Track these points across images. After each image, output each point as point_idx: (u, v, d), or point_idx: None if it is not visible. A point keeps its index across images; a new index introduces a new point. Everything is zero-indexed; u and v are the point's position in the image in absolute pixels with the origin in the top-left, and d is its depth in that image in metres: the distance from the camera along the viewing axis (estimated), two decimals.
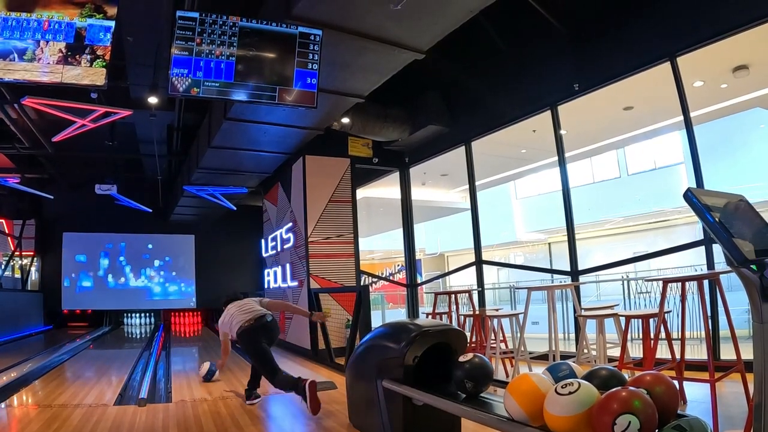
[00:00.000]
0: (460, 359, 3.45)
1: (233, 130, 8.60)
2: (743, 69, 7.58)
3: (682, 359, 4.58)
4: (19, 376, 7.51)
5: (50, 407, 5.55)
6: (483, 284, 8.85)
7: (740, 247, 1.98)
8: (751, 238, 2.13)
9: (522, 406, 2.63)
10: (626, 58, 6.62)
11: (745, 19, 5.51)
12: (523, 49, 7.94)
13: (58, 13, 5.03)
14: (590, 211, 19.42)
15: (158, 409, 5.58)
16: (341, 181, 10.00)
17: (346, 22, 5.58)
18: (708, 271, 5.30)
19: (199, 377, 7.28)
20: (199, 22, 5.18)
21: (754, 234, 2.22)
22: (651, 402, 2.24)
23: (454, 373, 3.39)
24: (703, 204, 2.04)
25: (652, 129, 10.85)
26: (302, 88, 5.56)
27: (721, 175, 15.59)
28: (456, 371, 3.39)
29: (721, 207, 2.19)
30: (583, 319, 5.61)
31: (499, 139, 9.31)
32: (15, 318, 14.24)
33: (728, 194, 2.38)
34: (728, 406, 4.54)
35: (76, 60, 5.07)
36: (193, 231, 18.91)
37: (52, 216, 17.31)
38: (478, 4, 5.31)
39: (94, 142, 11.45)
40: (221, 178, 11.91)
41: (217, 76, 5.27)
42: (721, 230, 2.01)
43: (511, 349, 6.60)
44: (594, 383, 2.53)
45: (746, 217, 2.32)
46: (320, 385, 6.38)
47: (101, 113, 8.05)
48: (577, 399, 2.37)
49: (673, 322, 6.77)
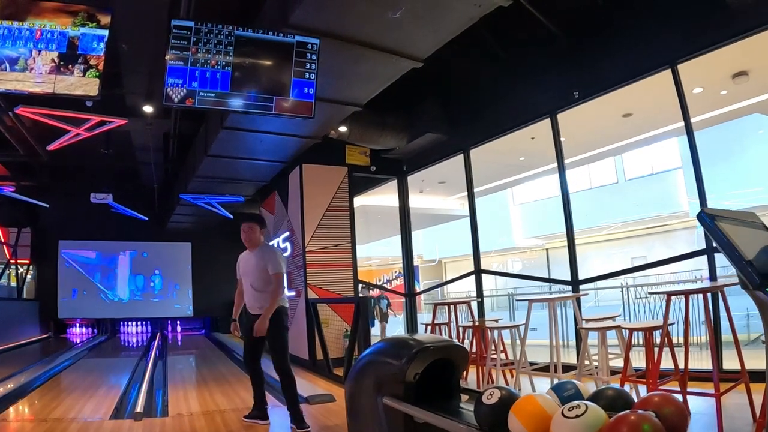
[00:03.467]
0: (484, 399, 2.98)
1: (230, 139, 8.53)
2: (743, 75, 7.56)
3: (686, 371, 4.52)
4: (15, 387, 7.42)
5: (46, 421, 5.47)
6: (482, 294, 8.78)
7: (757, 270, 1.91)
8: (766, 259, 2.06)
9: (528, 428, 2.55)
10: (626, 66, 6.58)
11: (746, 27, 5.49)
12: (522, 57, 7.89)
13: (50, 21, 4.96)
14: (588, 217, 19.43)
15: (155, 423, 5.51)
16: (339, 190, 9.94)
17: (343, 30, 5.52)
18: (711, 284, 5.23)
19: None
20: (194, 31, 5.10)
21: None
22: (660, 425, 2.17)
23: (476, 409, 2.99)
24: (719, 227, 1.97)
25: (650, 135, 10.83)
26: (299, 98, 5.48)
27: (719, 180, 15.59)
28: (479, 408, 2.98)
29: (737, 228, 2.12)
30: (584, 331, 5.55)
31: (497, 147, 9.26)
32: (10, 327, 14.15)
33: (742, 213, 2.32)
34: (733, 418, 4.47)
35: (69, 70, 5.00)
36: (190, 239, 18.81)
37: (48, 224, 17.19)
38: (477, 13, 5.25)
39: (90, 150, 11.35)
40: (218, 186, 11.83)
41: (213, 86, 5.19)
42: (736, 254, 1.95)
43: (512, 360, 6.53)
44: (600, 404, 2.46)
45: (761, 238, 2.26)
46: (318, 398, 6.33)
47: (96, 122, 7.98)
48: (584, 423, 2.30)
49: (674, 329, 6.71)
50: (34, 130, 9.99)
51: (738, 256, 1.93)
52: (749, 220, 2.32)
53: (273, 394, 6.95)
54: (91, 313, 17.93)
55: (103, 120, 7.97)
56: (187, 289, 19.05)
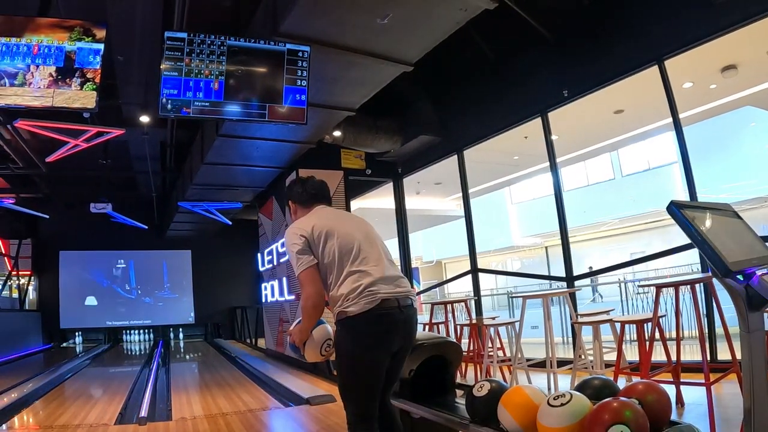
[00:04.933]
0: (474, 392, 3.02)
1: (226, 146, 8.63)
2: (731, 69, 7.65)
3: (678, 362, 4.60)
4: (19, 396, 7.50)
5: (51, 428, 5.56)
6: (479, 292, 8.87)
7: (725, 257, 2.00)
8: (736, 248, 2.15)
9: (516, 418, 2.65)
10: (614, 64, 6.67)
11: (731, 21, 5.55)
12: (511, 58, 7.98)
13: (47, 37, 5.05)
14: (585, 214, 19.50)
15: (159, 427, 5.59)
16: (335, 194, 10.00)
17: (333, 37, 5.62)
18: (701, 275, 5.33)
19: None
20: (187, 42, 5.21)
21: (739, 243, 2.25)
22: (642, 412, 2.26)
23: (467, 402, 3.10)
24: (686, 216, 2.06)
25: (643, 131, 10.91)
26: (292, 105, 5.58)
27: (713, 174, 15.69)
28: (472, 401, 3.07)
29: (706, 217, 2.22)
30: (578, 325, 5.63)
31: (491, 147, 9.34)
32: (14, 338, 14.24)
33: (713, 204, 2.41)
34: (726, 407, 4.56)
35: (67, 83, 5.10)
36: (190, 246, 18.89)
37: (49, 235, 17.31)
38: (464, 17, 5.35)
39: (88, 160, 11.46)
40: (215, 193, 11.92)
41: (207, 95, 5.29)
42: (703, 242, 2.04)
43: (509, 357, 6.62)
44: (587, 394, 2.55)
45: (732, 226, 2.35)
46: (319, 399, 6.42)
47: (94, 133, 8.06)
48: (569, 410, 2.39)
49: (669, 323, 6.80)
50: (33, 143, 10.07)
51: (707, 246, 2.02)
52: (721, 209, 2.41)
53: (275, 396, 7.06)
54: (93, 322, 18.01)
55: (100, 131, 8.06)
56: (188, 296, 19.12)
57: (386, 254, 3.08)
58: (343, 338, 2.87)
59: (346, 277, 2.86)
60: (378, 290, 2.81)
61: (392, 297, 2.83)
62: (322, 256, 2.91)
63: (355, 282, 2.82)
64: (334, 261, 2.89)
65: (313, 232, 2.93)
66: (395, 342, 2.88)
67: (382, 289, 2.82)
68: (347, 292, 2.81)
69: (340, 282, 2.87)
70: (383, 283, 2.85)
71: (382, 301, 2.79)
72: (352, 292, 2.80)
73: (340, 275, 2.88)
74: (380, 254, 3.01)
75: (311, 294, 2.85)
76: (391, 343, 2.86)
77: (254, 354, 13.13)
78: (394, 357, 2.93)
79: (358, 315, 2.77)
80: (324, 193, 3.28)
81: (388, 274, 2.91)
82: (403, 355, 3.02)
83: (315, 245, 2.92)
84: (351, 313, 2.78)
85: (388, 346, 2.86)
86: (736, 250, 2.13)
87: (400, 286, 2.91)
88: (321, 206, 3.21)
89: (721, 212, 2.40)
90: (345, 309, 2.81)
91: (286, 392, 7.14)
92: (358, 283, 2.81)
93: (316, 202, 3.22)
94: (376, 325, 2.80)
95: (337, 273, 2.89)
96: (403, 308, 2.87)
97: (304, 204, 3.23)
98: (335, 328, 2.94)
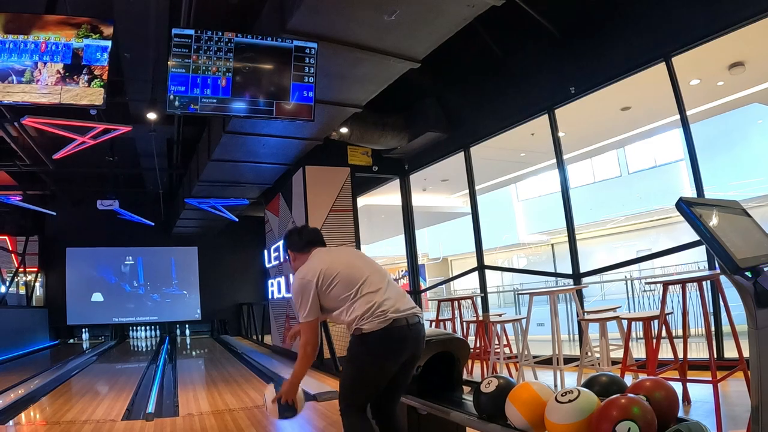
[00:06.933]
0: (482, 388, 3.05)
1: (232, 143, 8.65)
2: (739, 66, 7.60)
3: (685, 360, 4.59)
4: (26, 392, 7.56)
5: (58, 423, 5.59)
6: (486, 289, 8.86)
7: (733, 254, 2.00)
8: (745, 245, 2.15)
9: (524, 414, 2.65)
10: (621, 60, 6.64)
11: (739, 17, 5.52)
12: (518, 54, 7.97)
13: (54, 34, 5.07)
14: (592, 211, 19.42)
15: (166, 423, 5.61)
16: (342, 191, 10.02)
17: (340, 34, 5.62)
18: (708, 272, 5.31)
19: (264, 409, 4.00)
20: (194, 38, 5.22)
21: (747, 240, 2.24)
22: (650, 408, 2.26)
23: (475, 398, 3.10)
24: (695, 213, 2.06)
25: (650, 128, 10.87)
26: (299, 102, 5.58)
27: (720, 172, 15.61)
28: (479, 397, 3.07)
29: (714, 214, 2.21)
30: (585, 322, 5.63)
31: (498, 144, 9.33)
32: (21, 334, 14.32)
33: (721, 201, 2.40)
34: (732, 405, 4.55)
35: (74, 80, 5.11)
36: (196, 243, 18.97)
37: (55, 232, 17.41)
38: (471, 13, 5.35)
39: (95, 157, 11.50)
40: (222, 190, 11.95)
41: (214, 92, 5.30)
42: (712, 239, 2.03)
43: (515, 354, 6.62)
44: (594, 390, 2.56)
45: (740, 224, 2.34)
46: (325, 396, 6.43)
47: (101, 130, 8.08)
48: (577, 407, 2.40)
49: (675, 320, 6.78)
50: (40, 140, 10.12)
51: (715, 242, 2.02)
52: (729, 206, 2.41)
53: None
54: (99, 318, 18.09)
55: (107, 128, 8.08)
56: (194, 292, 19.19)
57: (386, 275, 3.35)
58: (358, 347, 3.14)
59: (356, 300, 3.12)
60: (387, 310, 3.07)
61: (401, 317, 3.09)
62: (333, 293, 3.18)
63: (366, 303, 3.09)
64: (344, 292, 3.16)
65: (319, 277, 3.18)
66: (404, 354, 3.14)
67: (390, 308, 3.08)
68: (361, 313, 3.07)
69: (353, 307, 3.13)
70: (390, 303, 3.11)
71: (393, 321, 3.05)
72: (365, 312, 3.06)
73: (353, 302, 3.13)
74: (382, 277, 3.29)
75: (311, 340, 3.19)
76: (400, 355, 3.13)
77: (261, 350, 13.17)
78: (403, 365, 3.19)
79: (373, 332, 3.04)
80: (319, 237, 3.56)
81: (392, 295, 3.18)
82: (411, 364, 3.28)
83: (325, 286, 3.18)
84: (366, 330, 3.05)
85: (398, 358, 3.13)
86: (744, 248, 2.12)
87: (406, 305, 3.18)
88: (317, 249, 3.46)
89: (730, 209, 2.39)
90: (360, 326, 3.07)
91: None
92: (370, 304, 3.08)
93: (313, 246, 3.47)
94: (388, 340, 3.06)
95: (350, 301, 3.14)
96: (412, 326, 3.13)
97: (302, 251, 3.48)
98: (350, 339, 3.20)
